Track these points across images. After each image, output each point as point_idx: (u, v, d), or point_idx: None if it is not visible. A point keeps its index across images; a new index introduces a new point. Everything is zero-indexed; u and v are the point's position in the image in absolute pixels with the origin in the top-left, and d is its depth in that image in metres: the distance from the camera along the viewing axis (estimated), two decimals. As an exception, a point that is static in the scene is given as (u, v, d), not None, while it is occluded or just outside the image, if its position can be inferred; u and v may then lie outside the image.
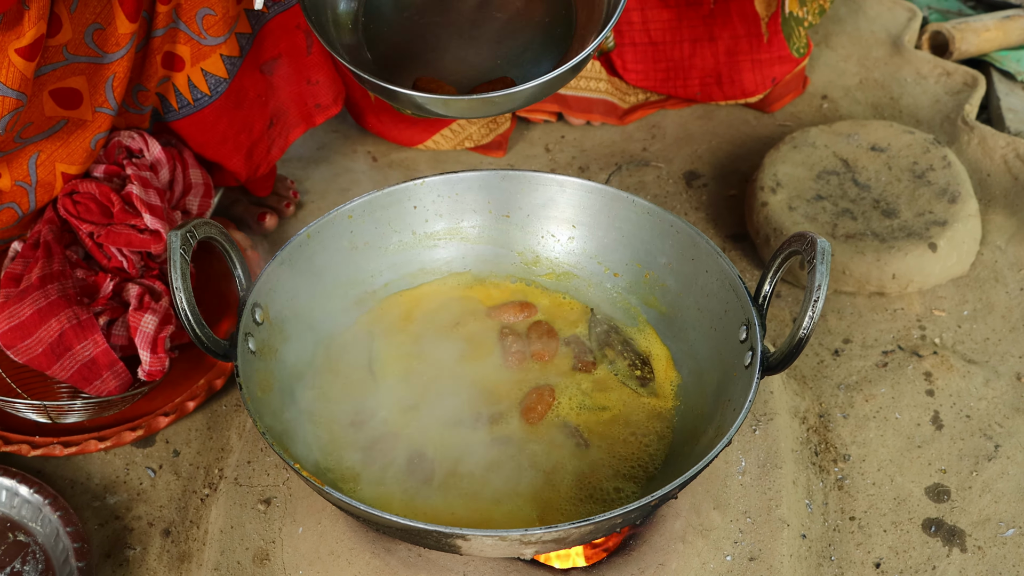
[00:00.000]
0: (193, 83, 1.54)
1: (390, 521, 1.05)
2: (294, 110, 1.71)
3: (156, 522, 1.42)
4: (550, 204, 1.46)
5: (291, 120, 1.72)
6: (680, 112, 2.08)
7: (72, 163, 1.47)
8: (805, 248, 1.15)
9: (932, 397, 1.57)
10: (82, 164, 1.49)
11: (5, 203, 1.46)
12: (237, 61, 1.56)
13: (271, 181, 1.81)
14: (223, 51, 1.53)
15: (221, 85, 1.56)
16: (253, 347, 1.25)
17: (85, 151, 1.47)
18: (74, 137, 1.46)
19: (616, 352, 1.40)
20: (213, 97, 1.56)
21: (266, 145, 1.69)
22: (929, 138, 1.85)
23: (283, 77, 1.66)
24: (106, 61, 1.42)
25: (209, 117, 1.58)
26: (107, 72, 1.43)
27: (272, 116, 1.68)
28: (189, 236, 1.16)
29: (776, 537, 1.35)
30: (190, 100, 1.56)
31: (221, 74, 1.55)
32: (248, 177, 1.70)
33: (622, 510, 1.05)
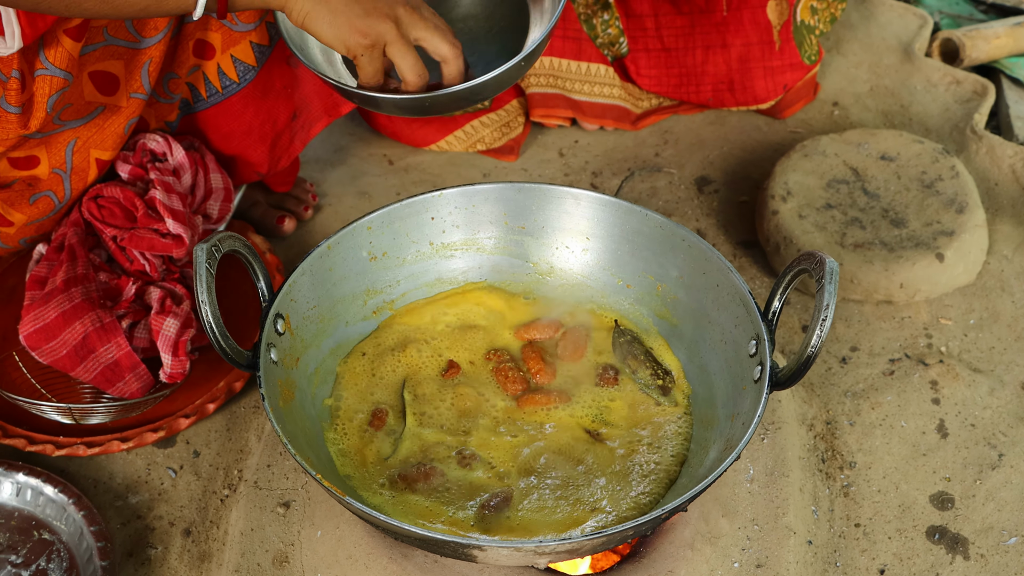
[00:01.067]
0: (223, 70, 1.55)
1: (409, 532, 1.08)
2: (317, 102, 1.71)
3: (177, 522, 1.44)
4: (565, 216, 1.47)
5: (314, 113, 1.72)
6: (692, 117, 2.10)
7: (105, 148, 1.49)
8: (814, 267, 1.17)
9: (938, 405, 1.59)
10: (114, 149, 1.50)
11: (42, 191, 1.48)
12: (266, 50, 1.57)
13: (292, 176, 1.81)
14: (253, 38, 1.54)
15: (249, 73, 1.56)
16: (275, 357, 1.27)
17: (118, 136, 1.49)
18: (109, 123, 1.47)
19: (639, 362, 1.42)
20: (241, 85, 1.57)
21: (289, 137, 1.69)
22: (938, 148, 1.86)
23: (307, 70, 1.67)
24: (143, 46, 1.43)
25: (236, 105, 1.59)
26: (143, 57, 1.44)
27: (296, 108, 1.68)
28: (214, 250, 1.18)
29: (783, 544, 1.38)
30: (219, 88, 1.57)
31: (250, 62, 1.55)
32: (269, 170, 1.70)
33: (633, 523, 1.08)
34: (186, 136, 1.65)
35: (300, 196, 1.88)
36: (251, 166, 1.69)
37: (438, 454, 1.31)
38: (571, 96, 2.00)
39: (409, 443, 1.32)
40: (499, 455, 1.31)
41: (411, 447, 1.32)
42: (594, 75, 1.99)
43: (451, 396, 1.38)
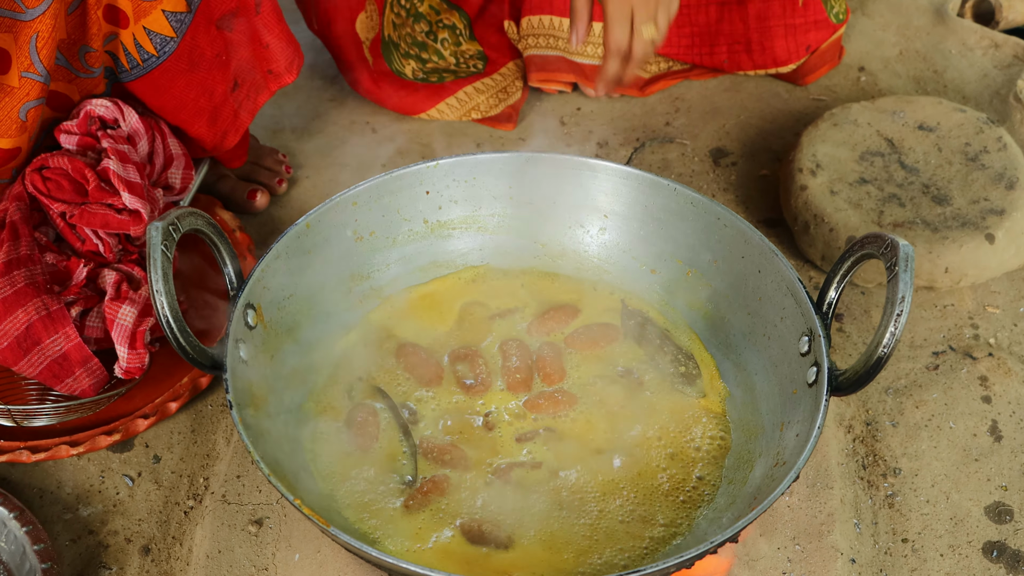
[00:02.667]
0: (139, 43, 1.39)
1: (406, 570, 0.91)
2: (258, 71, 1.58)
3: (134, 538, 1.31)
4: (579, 191, 1.35)
5: (257, 81, 1.58)
6: (705, 83, 1.96)
7: (3, 135, 1.34)
8: (884, 252, 1.01)
9: (989, 404, 1.45)
10: (13, 137, 1.35)
11: None
12: (184, 17, 1.41)
13: (243, 149, 1.68)
14: (165, 6, 1.38)
15: (169, 44, 1.41)
16: (245, 355, 1.14)
17: (15, 123, 1.33)
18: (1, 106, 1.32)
19: (655, 347, 1.29)
20: (161, 58, 1.41)
21: (231, 109, 1.55)
22: (982, 117, 1.71)
23: (242, 33, 1.52)
24: (27, 17, 1.28)
25: (161, 80, 1.44)
26: (29, 30, 1.29)
27: (236, 77, 1.53)
28: (172, 229, 1.01)
29: (829, 568, 1.23)
30: (139, 61, 1.42)
31: (167, 32, 1.40)
32: (215, 145, 1.56)
33: (677, 559, 0.91)
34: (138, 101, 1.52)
35: (273, 168, 1.74)
36: (193, 142, 1.55)
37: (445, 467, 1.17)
38: (573, 59, 1.87)
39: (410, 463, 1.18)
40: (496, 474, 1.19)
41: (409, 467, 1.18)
42: (598, 35, 1.86)
43: (449, 401, 1.25)
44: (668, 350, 1.29)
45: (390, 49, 1.82)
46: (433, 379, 1.28)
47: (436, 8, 1.84)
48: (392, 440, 1.22)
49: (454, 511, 1.13)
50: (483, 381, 1.28)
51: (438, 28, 1.85)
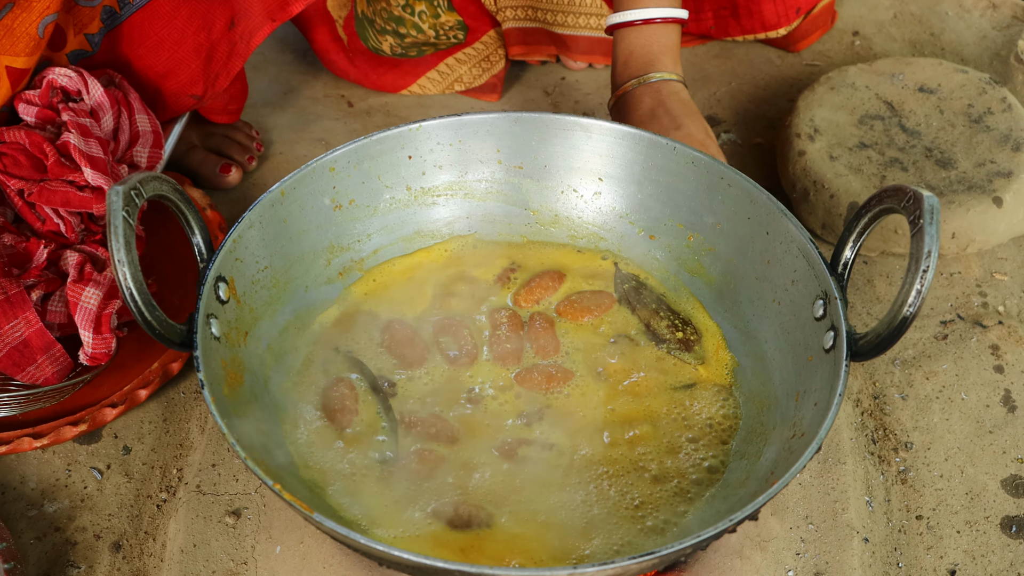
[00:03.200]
0: None
1: (398, 558, 0.84)
2: (259, 6, 1.51)
3: (104, 534, 1.25)
4: (572, 153, 1.28)
5: (255, 20, 1.52)
6: (694, 50, 1.91)
7: (18, 54, 1.31)
8: (907, 204, 0.94)
9: (1001, 374, 1.40)
10: (29, 55, 1.32)
11: None
12: None
13: (239, 103, 1.63)
14: None
15: None
16: (217, 332, 1.06)
17: (32, 39, 1.30)
18: (19, 22, 1.29)
19: (650, 312, 1.24)
20: None
21: (226, 49, 1.49)
22: (984, 78, 1.65)
23: None
24: None
25: (165, 8, 1.39)
26: None
27: (233, 15, 1.48)
28: (134, 194, 0.93)
29: (845, 547, 1.17)
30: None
31: None
32: (206, 91, 1.50)
33: (693, 539, 0.84)
34: (104, 71, 1.47)
35: (244, 142, 1.69)
36: (184, 88, 1.49)
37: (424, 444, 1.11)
38: (554, 30, 1.80)
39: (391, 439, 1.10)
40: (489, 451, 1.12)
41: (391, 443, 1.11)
42: (579, 5, 1.80)
43: (435, 377, 1.19)
44: (664, 315, 1.24)
45: (364, 26, 1.74)
46: (417, 360, 1.20)
47: None
48: (373, 417, 1.15)
49: (443, 492, 1.06)
50: (468, 353, 1.22)
51: (415, 1, 1.77)
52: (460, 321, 1.24)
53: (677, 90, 1.41)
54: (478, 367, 1.20)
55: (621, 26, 1.46)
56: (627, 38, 1.46)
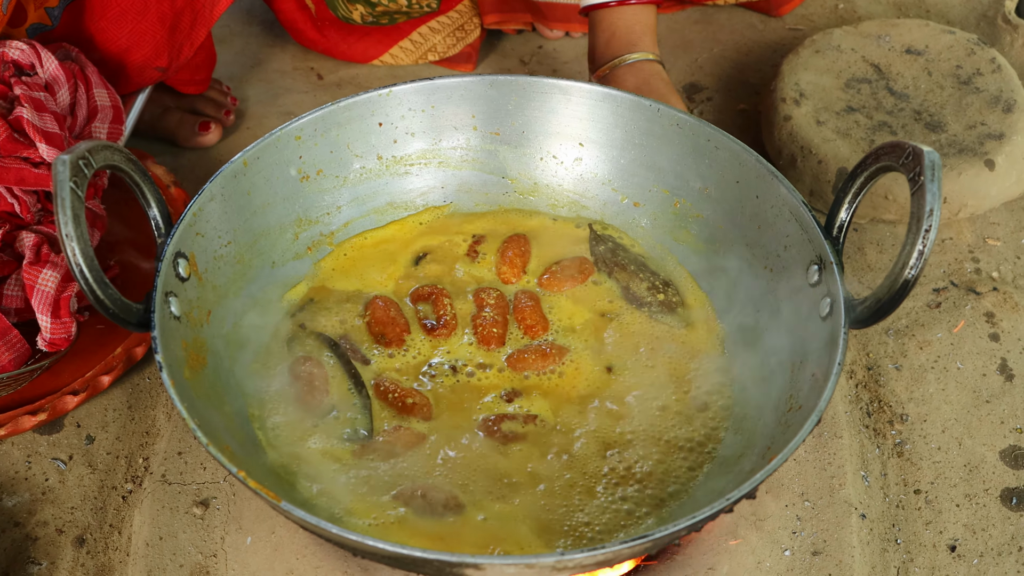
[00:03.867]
0: None
1: (374, 548, 0.78)
2: None
3: (67, 528, 1.20)
4: (551, 117, 1.24)
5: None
6: (674, 16, 1.88)
7: None
8: (905, 161, 0.88)
9: (997, 342, 1.37)
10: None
11: None
12: None
13: (206, 72, 1.59)
14: None
15: None
16: (177, 311, 1.02)
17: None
18: None
19: (629, 274, 1.21)
20: None
21: (189, 19, 1.45)
22: (972, 38, 1.61)
23: None
24: None
25: None
26: None
27: None
28: (83, 164, 0.87)
29: (843, 525, 1.13)
30: None
31: None
32: (171, 62, 1.46)
33: (688, 520, 0.79)
34: (60, 45, 1.42)
35: (217, 99, 1.65)
36: (149, 60, 1.45)
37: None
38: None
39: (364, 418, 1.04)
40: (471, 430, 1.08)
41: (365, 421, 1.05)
42: None
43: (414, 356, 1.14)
44: (644, 276, 1.21)
45: None
46: (395, 339, 1.15)
47: None
48: (345, 396, 1.10)
49: (420, 475, 1.01)
50: (447, 324, 1.18)
51: None
52: (439, 288, 1.19)
53: (658, 71, 1.39)
54: (460, 346, 1.15)
55: (599, 7, 1.42)
56: (607, 18, 1.43)
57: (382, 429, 1.05)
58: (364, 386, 1.10)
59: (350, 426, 1.07)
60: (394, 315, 1.18)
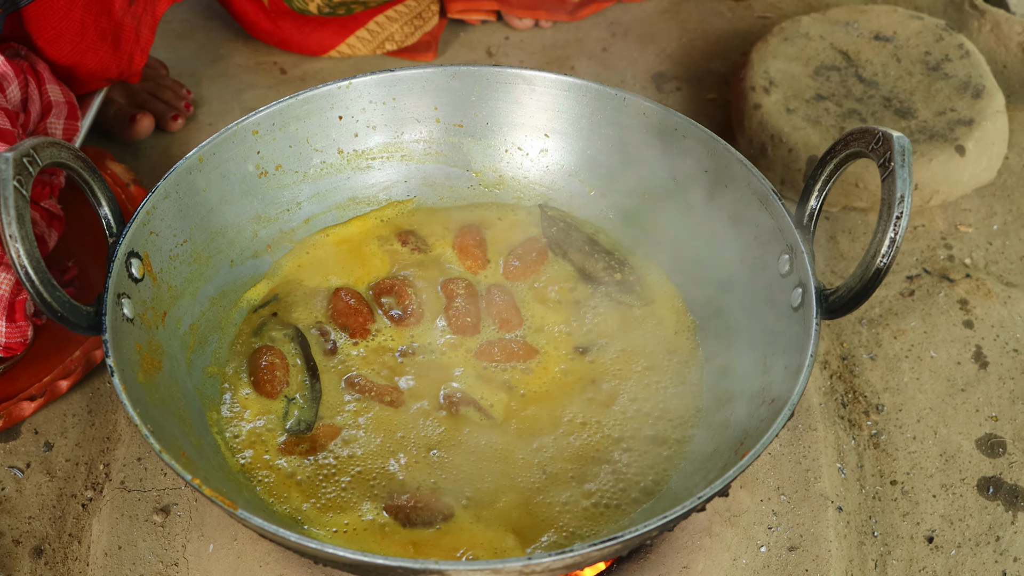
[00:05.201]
0: None
1: (333, 555, 0.76)
2: None
3: (24, 538, 1.17)
4: (515, 108, 1.22)
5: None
6: (642, 6, 1.86)
7: None
8: (875, 147, 0.87)
9: (971, 329, 1.35)
10: None
11: None
12: None
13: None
14: None
15: None
16: (130, 313, 0.99)
17: None
18: None
19: (584, 255, 1.20)
20: None
21: (132, 28, 1.41)
22: (940, 24, 1.60)
23: None
24: None
25: (59, 2, 1.30)
26: None
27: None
28: (27, 161, 0.84)
29: (819, 519, 1.11)
30: None
31: None
32: (122, 73, 1.43)
33: (659, 520, 0.77)
34: (9, 44, 1.38)
35: (171, 101, 1.60)
36: (96, 74, 1.41)
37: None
38: (494, -15, 1.74)
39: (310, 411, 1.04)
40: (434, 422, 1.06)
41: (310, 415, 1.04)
42: None
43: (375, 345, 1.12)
44: (598, 256, 1.20)
45: None
46: (359, 329, 1.13)
47: None
48: (300, 386, 1.09)
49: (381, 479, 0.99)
50: (414, 312, 1.16)
51: None
52: (400, 279, 1.18)
53: None
54: (430, 331, 1.14)
55: None
56: None
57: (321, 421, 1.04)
58: (318, 379, 1.08)
59: (295, 418, 1.06)
60: (356, 305, 1.16)
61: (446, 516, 0.95)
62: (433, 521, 0.95)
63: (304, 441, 1.03)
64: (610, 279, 1.17)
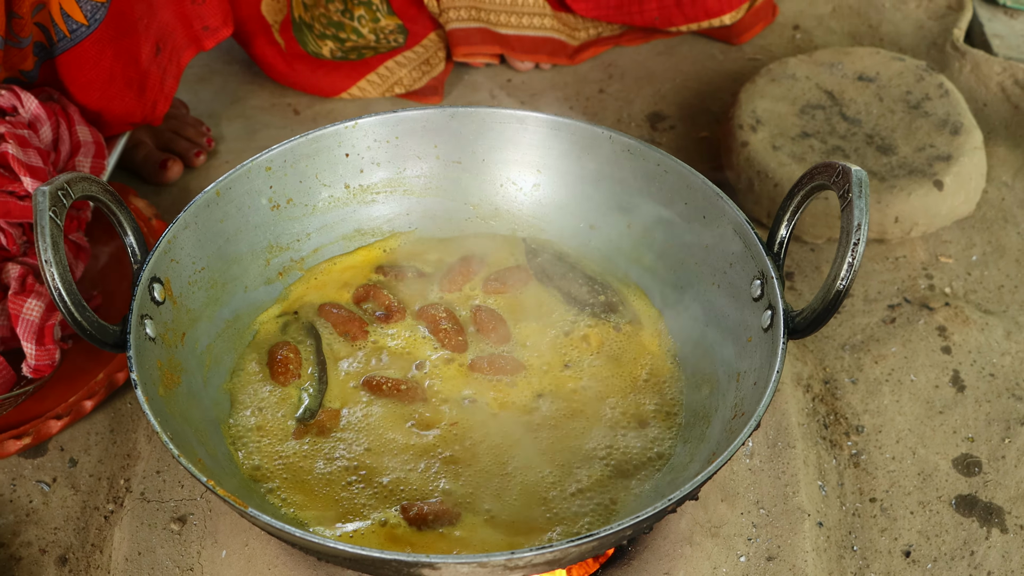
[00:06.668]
0: (66, 11, 1.30)
1: (334, 550, 0.82)
2: (180, 30, 1.50)
3: (50, 548, 1.22)
4: (509, 145, 1.27)
5: (179, 42, 1.51)
6: (638, 49, 1.92)
7: None
8: (836, 180, 0.94)
9: (949, 355, 1.40)
10: None
11: None
12: None
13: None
14: None
15: (99, 12, 1.33)
16: (152, 332, 1.04)
17: None
18: None
19: (569, 281, 1.25)
20: (92, 27, 1.33)
21: (157, 76, 1.48)
22: (921, 65, 1.66)
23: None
24: None
25: (90, 51, 1.36)
26: None
27: (157, 41, 1.46)
28: (61, 194, 0.91)
29: (796, 531, 1.16)
30: (66, 32, 1.34)
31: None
32: (145, 116, 1.49)
33: (632, 520, 0.83)
34: (43, 88, 1.45)
35: (193, 139, 1.66)
36: (121, 119, 1.48)
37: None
38: (497, 30, 1.80)
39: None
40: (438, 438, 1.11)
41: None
42: (521, 4, 1.79)
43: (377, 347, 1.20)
44: (582, 282, 1.24)
45: (303, 31, 1.73)
46: (359, 333, 1.22)
47: None
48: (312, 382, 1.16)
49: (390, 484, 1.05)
50: (397, 309, 1.23)
51: (353, 5, 1.77)
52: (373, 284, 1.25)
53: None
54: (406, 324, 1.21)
55: None
56: None
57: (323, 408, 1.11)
58: (325, 372, 1.15)
59: (303, 406, 1.12)
60: (347, 315, 1.22)
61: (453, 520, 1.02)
62: (440, 524, 1.01)
63: (311, 428, 1.09)
64: (594, 300, 1.22)
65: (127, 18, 1.38)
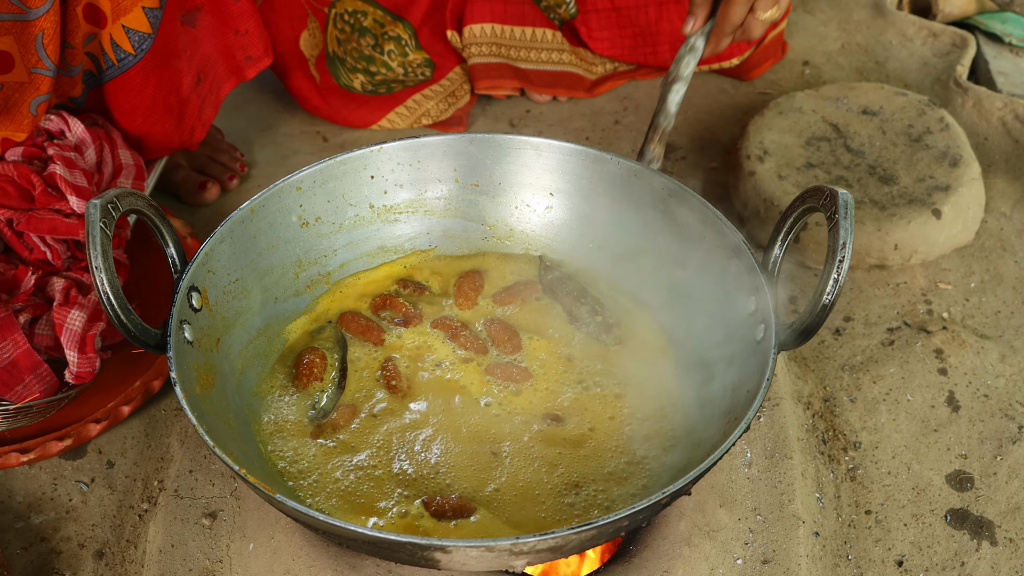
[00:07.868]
0: (116, 42, 1.38)
1: (355, 533, 0.89)
2: (222, 63, 1.57)
3: (88, 543, 1.27)
4: (524, 170, 1.33)
5: (220, 74, 1.58)
6: (652, 82, 1.97)
7: (16, 130, 1.36)
8: (824, 203, 1.00)
9: (945, 376, 1.44)
10: (24, 131, 1.37)
11: None
12: (158, 13, 1.41)
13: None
14: (144, 2, 1.37)
15: (145, 42, 1.40)
16: (190, 337, 1.10)
17: (26, 117, 1.35)
18: (12, 104, 1.34)
19: (572, 299, 1.30)
20: (138, 56, 1.40)
21: (197, 105, 1.54)
22: (923, 99, 1.73)
23: (207, 28, 1.51)
24: (31, 17, 1.29)
25: (135, 79, 1.43)
26: (35, 29, 1.30)
27: (199, 72, 1.53)
28: (111, 207, 0.99)
29: (791, 536, 1.21)
30: (115, 61, 1.41)
31: (144, 29, 1.39)
32: (183, 144, 1.56)
33: (629, 511, 0.90)
34: (88, 114, 1.51)
35: (227, 164, 1.74)
36: (160, 144, 1.55)
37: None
38: (517, 65, 1.87)
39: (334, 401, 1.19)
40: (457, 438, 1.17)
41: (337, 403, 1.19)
42: (540, 40, 1.85)
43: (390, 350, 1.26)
44: (585, 301, 1.29)
45: (336, 65, 1.81)
46: (376, 339, 1.28)
47: (380, 21, 1.84)
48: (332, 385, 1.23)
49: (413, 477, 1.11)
50: (415, 316, 1.29)
51: (384, 40, 1.85)
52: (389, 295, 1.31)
53: None
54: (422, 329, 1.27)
55: None
56: None
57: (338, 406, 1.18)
58: (345, 377, 1.20)
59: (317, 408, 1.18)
60: (364, 321, 1.28)
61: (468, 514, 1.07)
62: (456, 517, 1.06)
63: (327, 427, 1.15)
64: (592, 320, 1.27)
65: (171, 48, 1.44)
